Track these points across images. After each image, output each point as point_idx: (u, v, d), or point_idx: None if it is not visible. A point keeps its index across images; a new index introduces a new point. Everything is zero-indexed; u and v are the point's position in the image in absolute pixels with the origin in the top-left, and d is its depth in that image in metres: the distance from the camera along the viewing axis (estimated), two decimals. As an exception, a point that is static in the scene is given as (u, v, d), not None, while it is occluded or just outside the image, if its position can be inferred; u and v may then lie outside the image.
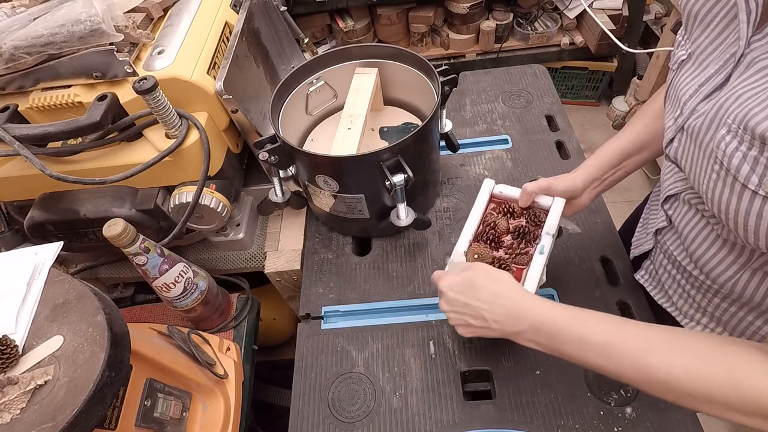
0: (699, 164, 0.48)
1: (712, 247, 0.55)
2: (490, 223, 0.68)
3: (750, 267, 0.51)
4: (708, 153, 0.46)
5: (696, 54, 0.51)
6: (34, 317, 0.50)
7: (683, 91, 0.51)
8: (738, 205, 0.43)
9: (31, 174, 0.72)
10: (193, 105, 0.73)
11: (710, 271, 0.56)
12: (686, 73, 0.52)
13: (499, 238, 0.67)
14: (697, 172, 0.49)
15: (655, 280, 0.70)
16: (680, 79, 0.53)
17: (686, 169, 0.52)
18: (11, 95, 0.72)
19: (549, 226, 0.65)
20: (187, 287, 0.73)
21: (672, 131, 0.54)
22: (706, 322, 0.62)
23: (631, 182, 2.05)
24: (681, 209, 0.59)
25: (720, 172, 0.44)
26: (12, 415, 0.43)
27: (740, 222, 0.44)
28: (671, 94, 0.55)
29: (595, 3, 1.95)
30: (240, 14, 0.84)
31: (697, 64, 0.50)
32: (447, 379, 0.70)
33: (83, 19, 0.64)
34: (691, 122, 0.49)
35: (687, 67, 0.52)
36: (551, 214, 0.65)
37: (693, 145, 0.49)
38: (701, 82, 0.49)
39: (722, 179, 0.44)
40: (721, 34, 0.48)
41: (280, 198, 0.83)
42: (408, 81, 0.87)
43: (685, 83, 0.52)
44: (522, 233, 0.66)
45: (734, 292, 0.55)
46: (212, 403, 0.68)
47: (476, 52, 2.15)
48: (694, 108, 0.49)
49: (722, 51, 0.47)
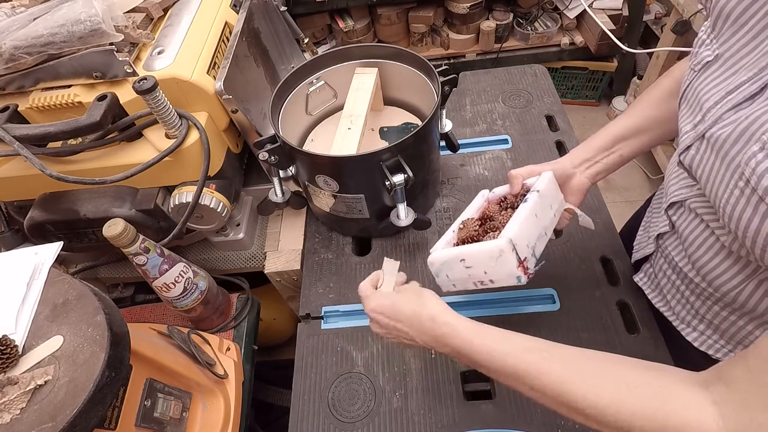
0: (719, 177, 0.45)
1: (716, 257, 0.53)
2: (485, 211, 0.65)
3: (756, 278, 0.50)
4: (733, 167, 0.43)
5: (725, 57, 0.46)
6: (34, 317, 0.50)
7: (706, 97, 0.47)
8: (760, 225, 0.41)
9: (31, 174, 0.72)
10: (193, 105, 0.73)
11: (713, 280, 0.55)
12: (711, 77, 0.48)
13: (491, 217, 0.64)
14: (715, 185, 0.46)
15: (653, 284, 0.69)
16: (703, 83, 0.48)
17: (702, 180, 0.48)
18: (11, 95, 0.72)
19: (534, 186, 0.62)
20: (187, 287, 0.73)
21: (690, 138, 0.50)
22: (703, 329, 0.62)
23: (631, 182, 2.04)
24: (686, 217, 0.57)
25: (744, 190, 0.41)
26: (12, 415, 0.43)
27: (759, 242, 0.41)
28: (690, 98, 0.51)
29: (595, 3, 1.95)
30: (240, 14, 0.84)
31: (726, 67, 0.46)
32: (447, 379, 0.70)
33: (83, 19, 0.64)
34: (715, 132, 0.45)
35: (713, 70, 0.48)
36: (540, 179, 0.62)
37: (714, 156, 0.46)
38: (730, 89, 0.45)
39: (746, 197, 0.41)
40: (757, 36, 0.44)
41: (280, 198, 0.83)
42: (408, 81, 0.87)
43: (709, 88, 0.47)
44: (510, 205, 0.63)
45: (737, 301, 0.53)
46: (212, 403, 0.68)
47: (476, 52, 2.15)
48: (719, 117, 0.45)
49: (758, 57, 0.43)
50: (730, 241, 0.50)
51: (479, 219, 0.65)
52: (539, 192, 0.60)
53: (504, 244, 0.53)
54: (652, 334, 0.70)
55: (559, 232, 0.74)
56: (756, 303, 0.51)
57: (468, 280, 0.59)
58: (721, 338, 0.60)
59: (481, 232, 0.61)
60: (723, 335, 0.59)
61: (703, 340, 0.62)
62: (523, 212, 0.57)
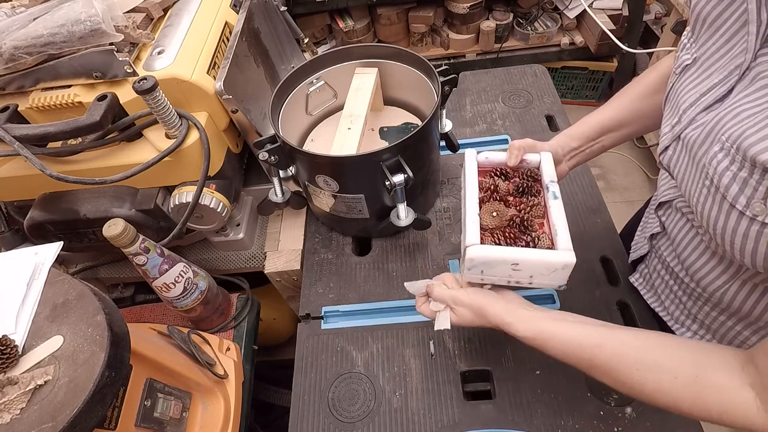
0: (691, 177, 0.47)
1: (702, 257, 0.54)
2: (490, 187, 0.63)
3: (739, 278, 0.51)
4: (700, 168, 0.45)
5: (702, 60, 0.48)
6: (34, 317, 0.50)
7: (683, 99, 0.49)
8: (725, 223, 0.43)
9: (31, 174, 0.72)
10: (193, 105, 0.73)
11: (701, 280, 0.55)
12: (689, 80, 0.50)
13: (504, 198, 0.63)
14: (688, 185, 0.48)
15: (648, 284, 0.70)
16: (682, 85, 0.50)
17: (678, 179, 0.51)
18: (11, 95, 0.72)
19: (548, 175, 0.61)
20: (187, 287, 0.73)
21: (668, 139, 0.52)
22: (696, 329, 0.62)
23: (630, 182, 2.04)
24: (674, 216, 0.59)
25: (711, 189, 0.44)
26: (12, 415, 0.43)
27: (727, 239, 0.44)
28: (671, 99, 0.53)
29: (595, 3, 1.95)
30: (240, 14, 0.84)
31: (702, 70, 0.48)
32: (447, 379, 0.70)
33: (83, 19, 0.64)
34: (688, 133, 0.48)
35: (690, 73, 0.50)
36: (545, 166, 0.62)
37: (687, 156, 0.48)
38: (703, 91, 0.47)
39: (712, 196, 0.44)
40: (730, 41, 0.45)
41: (280, 198, 0.83)
42: (408, 81, 0.87)
43: (686, 90, 0.49)
44: (524, 189, 0.62)
45: (723, 301, 0.54)
46: (212, 403, 0.68)
47: (476, 52, 2.15)
48: (692, 118, 0.47)
49: (728, 60, 0.45)
50: (707, 239, 0.51)
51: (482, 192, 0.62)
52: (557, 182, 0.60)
53: (571, 259, 0.52)
54: (652, 334, 0.70)
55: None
56: (740, 303, 0.52)
57: (504, 279, 0.57)
58: (714, 338, 0.60)
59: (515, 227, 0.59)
60: (715, 335, 0.60)
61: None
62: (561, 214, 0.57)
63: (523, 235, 0.58)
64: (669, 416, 0.63)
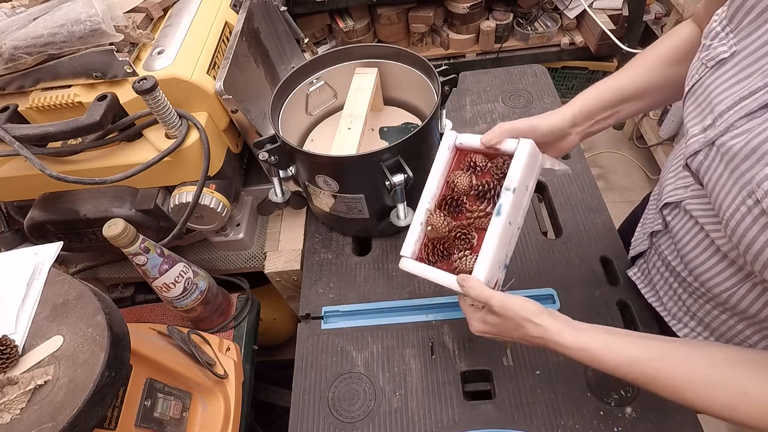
0: (726, 189, 0.42)
1: (711, 259, 0.53)
2: (449, 183, 0.59)
3: (749, 281, 0.49)
4: (742, 183, 0.40)
5: (742, 55, 0.42)
6: (34, 317, 0.50)
7: (719, 100, 0.43)
8: (765, 246, 0.39)
9: (31, 174, 0.72)
10: (193, 105, 0.73)
11: (706, 281, 0.54)
12: (725, 77, 0.44)
13: (458, 200, 0.59)
14: (722, 196, 0.43)
15: (647, 279, 0.69)
16: (716, 83, 0.44)
17: (708, 188, 0.46)
18: (11, 95, 0.72)
19: (510, 179, 0.54)
20: (187, 287, 0.73)
21: (699, 143, 0.46)
22: (694, 326, 0.62)
23: (631, 182, 2.04)
24: (680, 218, 0.57)
25: (753, 209, 0.39)
26: (12, 415, 0.43)
27: (761, 260, 0.40)
28: (700, 96, 0.47)
29: (595, 3, 1.95)
30: (240, 14, 0.84)
31: (741, 68, 0.42)
32: (447, 379, 0.70)
33: (83, 19, 0.64)
34: (726, 141, 0.42)
35: (727, 68, 0.44)
36: (514, 164, 0.55)
37: (724, 167, 0.43)
38: (744, 94, 0.41)
39: (753, 216, 0.40)
40: None
41: (280, 198, 0.83)
42: (408, 81, 0.87)
43: (722, 89, 0.43)
44: (481, 192, 0.58)
45: (729, 302, 0.53)
46: (212, 403, 0.68)
47: (476, 52, 2.14)
48: (732, 124, 0.42)
49: None
50: (728, 248, 0.49)
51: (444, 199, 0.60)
52: (514, 191, 0.54)
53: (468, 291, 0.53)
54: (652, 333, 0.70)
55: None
56: (748, 305, 0.51)
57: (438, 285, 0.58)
58: (711, 335, 0.60)
59: (453, 238, 0.58)
60: (713, 332, 0.60)
61: (692, 337, 0.62)
62: (492, 240, 0.53)
63: (457, 251, 0.58)
64: (668, 416, 0.63)
